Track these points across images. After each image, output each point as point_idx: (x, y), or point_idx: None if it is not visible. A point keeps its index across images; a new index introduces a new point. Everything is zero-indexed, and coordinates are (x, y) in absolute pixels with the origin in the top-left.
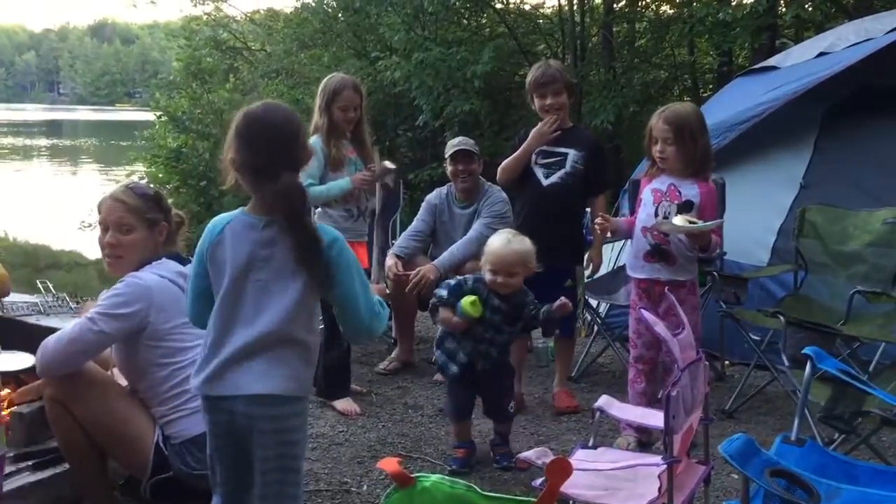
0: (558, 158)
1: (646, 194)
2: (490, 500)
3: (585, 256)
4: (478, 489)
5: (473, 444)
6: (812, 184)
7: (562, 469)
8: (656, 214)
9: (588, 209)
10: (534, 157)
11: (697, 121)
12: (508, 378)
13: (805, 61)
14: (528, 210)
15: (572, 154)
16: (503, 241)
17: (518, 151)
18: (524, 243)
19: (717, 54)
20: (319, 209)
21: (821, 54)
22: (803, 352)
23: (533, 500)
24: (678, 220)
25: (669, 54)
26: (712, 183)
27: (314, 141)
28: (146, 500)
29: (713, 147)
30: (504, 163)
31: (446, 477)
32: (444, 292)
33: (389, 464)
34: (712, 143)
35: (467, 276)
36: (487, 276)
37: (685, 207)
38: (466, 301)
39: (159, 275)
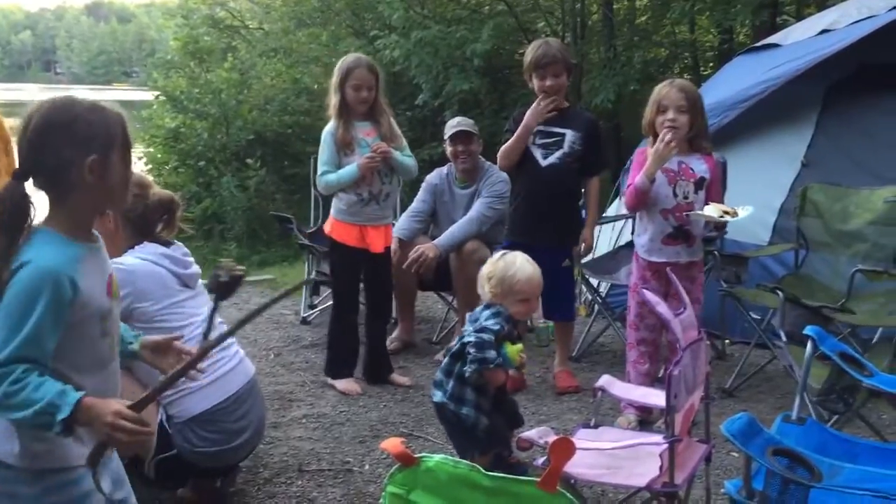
0: (556, 139)
1: (657, 175)
2: (493, 479)
3: (580, 236)
4: (481, 469)
5: None
6: (813, 162)
7: (565, 448)
8: (675, 195)
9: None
10: (531, 137)
11: (701, 96)
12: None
13: (807, 39)
14: (527, 190)
15: (570, 134)
16: (529, 268)
17: (516, 134)
18: (535, 264)
19: (717, 32)
20: (336, 196)
21: (823, 32)
22: (804, 331)
23: (536, 479)
24: (713, 211)
25: (670, 32)
26: (714, 156)
27: (329, 127)
28: (150, 479)
29: (714, 126)
30: (503, 148)
31: (449, 457)
32: (493, 353)
33: (393, 444)
34: (713, 122)
35: (493, 321)
36: (515, 308)
37: (699, 184)
38: (514, 351)
39: (141, 258)
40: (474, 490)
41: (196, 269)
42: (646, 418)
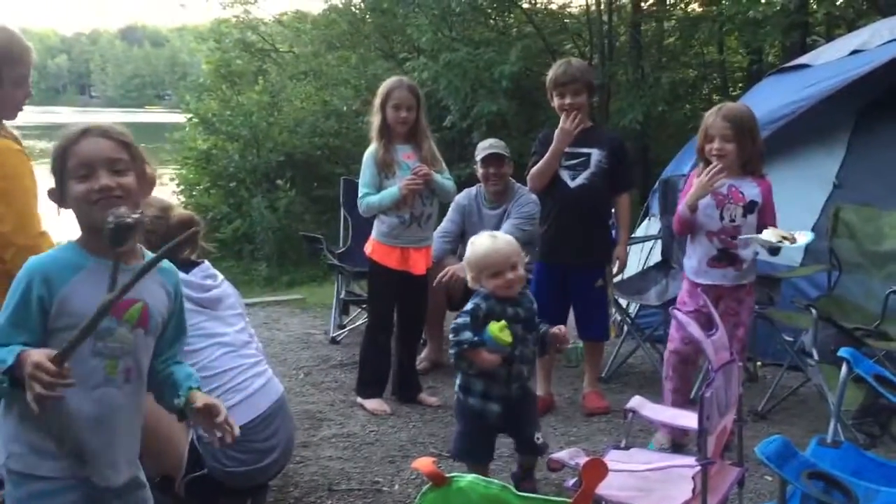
0: (582, 159)
1: (706, 198)
2: (525, 500)
3: (613, 254)
4: (513, 489)
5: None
6: (845, 183)
7: (597, 470)
8: (721, 218)
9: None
10: None
11: (754, 119)
12: (535, 405)
13: (838, 59)
14: (557, 213)
15: (596, 153)
16: (487, 241)
17: (547, 155)
18: (504, 236)
19: (746, 52)
20: (377, 218)
21: (854, 52)
22: (839, 353)
23: (567, 500)
24: (770, 236)
25: (699, 53)
26: (768, 179)
27: (370, 149)
28: (180, 498)
29: None
30: (533, 170)
31: (481, 477)
32: (467, 334)
33: (424, 463)
34: None
35: (474, 300)
36: (492, 284)
37: (749, 208)
38: (495, 328)
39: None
40: None
41: (218, 291)
42: (679, 441)
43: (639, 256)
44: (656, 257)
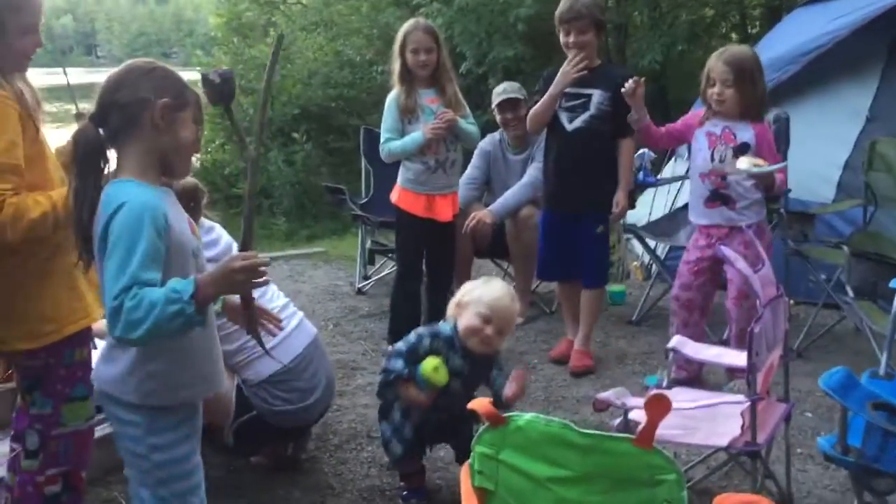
0: (582, 101)
1: (699, 138)
2: (587, 437)
3: (613, 200)
4: (574, 426)
5: (423, 476)
6: (878, 116)
7: (661, 404)
8: (712, 159)
9: None
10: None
11: (756, 63)
12: (468, 426)
13: None
14: (555, 156)
15: (597, 95)
16: (508, 297)
17: (545, 97)
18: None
19: None
20: (402, 165)
21: None
22: (890, 285)
23: (631, 436)
24: (743, 163)
25: None
26: (766, 123)
27: (392, 93)
28: (229, 447)
29: (774, 81)
30: (532, 111)
31: (541, 415)
32: (399, 363)
33: (482, 404)
34: (773, 76)
35: (421, 333)
36: (471, 323)
37: (741, 150)
38: (429, 366)
39: None
40: (568, 448)
41: (225, 241)
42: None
43: (665, 199)
44: (683, 199)
